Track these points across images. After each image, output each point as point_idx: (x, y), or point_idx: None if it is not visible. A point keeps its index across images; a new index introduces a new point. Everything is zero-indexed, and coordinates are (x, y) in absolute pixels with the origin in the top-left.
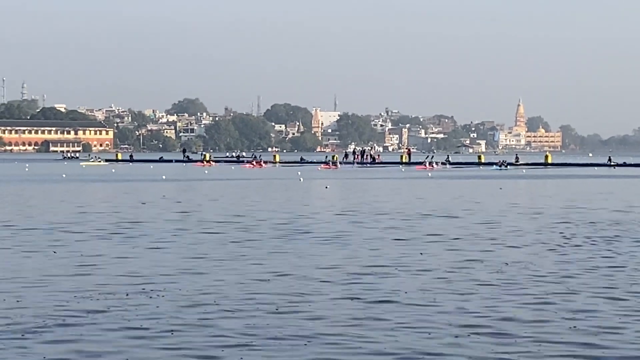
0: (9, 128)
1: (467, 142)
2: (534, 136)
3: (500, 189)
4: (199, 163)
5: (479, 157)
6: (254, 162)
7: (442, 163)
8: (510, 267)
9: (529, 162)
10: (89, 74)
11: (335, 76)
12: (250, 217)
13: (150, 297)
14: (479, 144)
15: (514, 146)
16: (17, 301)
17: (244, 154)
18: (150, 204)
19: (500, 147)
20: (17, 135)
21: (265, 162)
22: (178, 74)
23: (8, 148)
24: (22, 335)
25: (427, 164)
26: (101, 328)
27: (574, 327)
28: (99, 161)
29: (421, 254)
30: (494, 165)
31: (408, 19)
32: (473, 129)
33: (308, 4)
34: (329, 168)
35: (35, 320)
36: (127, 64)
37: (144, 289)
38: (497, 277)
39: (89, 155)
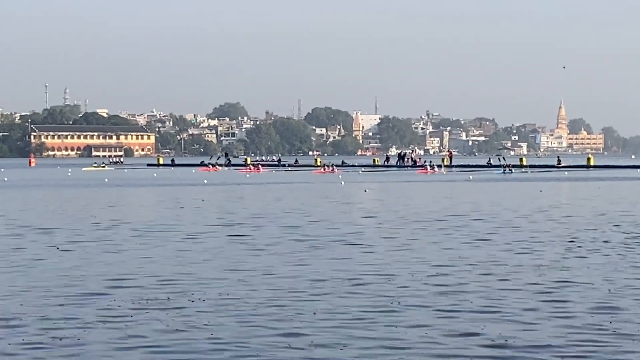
0: (51, 133)
1: (509, 144)
2: (576, 138)
3: (541, 191)
4: (203, 168)
5: (521, 160)
6: (251, 167)
7: (438, 166)
8: None
9: (571, 164)
10: (131, 78)
11: (376, 79)
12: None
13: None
14: (521, 147)
15: (555, 148)
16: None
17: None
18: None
19: (541, 150)
20: (59, 141)
21: (264, 166)
22: (219, 78)
23: (51, 153)
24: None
25: (429, 167)
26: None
27: None
28: (103, 166)
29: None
30: (500, 169)
31: (448, 22)
32: (514, 131)
33: (349, 9)
34: (324, 172)
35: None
36: (169, 68)
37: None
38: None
39: (103, 159)
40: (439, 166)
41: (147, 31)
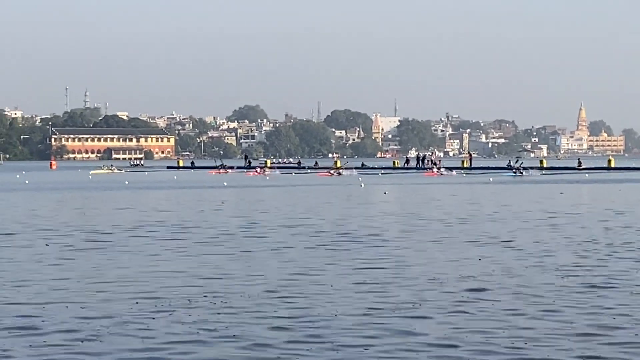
0: (72, 136)
1: (529, 146)
2: (596, 140)
3: (561, 193)
4: (212, 170)
5: (541, 162)
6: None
7: (449, 168)
8: None
9: (592, 166)
10: (151, 81)
11: (395, 82)
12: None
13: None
14: (541, 149)
15: (575, 150)
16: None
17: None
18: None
19: (562, 152)
20: (80, 143)
21: (282, 168)
22: (238, 81)
23: (72, 156)
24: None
25: (436, 170)
26: None
27: None
28: (112, 169)
29: None
30: (510, 171)
31: (467, 23)
32: (534, 133)
33: (369, 11)
34: (329, 175)
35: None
36: (188, 71)
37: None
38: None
39: (108, 164)
40: (450, 169)
41: (167, 34)
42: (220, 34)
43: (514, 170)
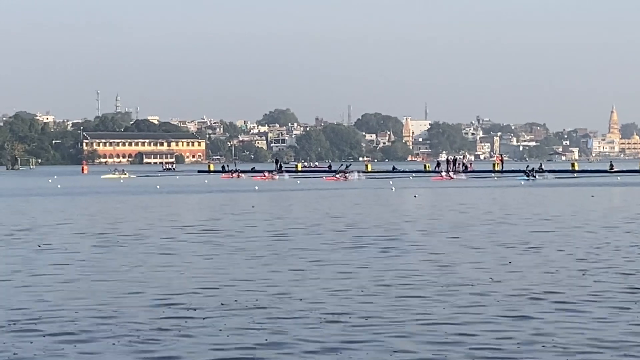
0: (103, 140)
1: (560, 149)
2: (628, 143)
3: (592, 196)
4: (225, 175)
5: (572, 165)
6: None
7: (458, 172)
8: None
9: (624, 169)
10: (181, 86)
11: (426, 85)
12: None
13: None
14: (572, 152)
15: (607, 153)
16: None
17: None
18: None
19: (593, 155)
20: (111, 148)
21: (311, 172)
22: (269, 85)
23: (103, 160)
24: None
25: (444, 174)
26: None
27: None
28: (124, 173)
29: None
30: (522, 175)
31: (498, 27)
32: (566, 136)
33: (398, 14)
34: (337, 180)
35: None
36: (219, 75)
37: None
38: None
39: (113, 168)
40: (463, 171)
41: (197, 38)
42: (251, 37)
43: (527, 174)
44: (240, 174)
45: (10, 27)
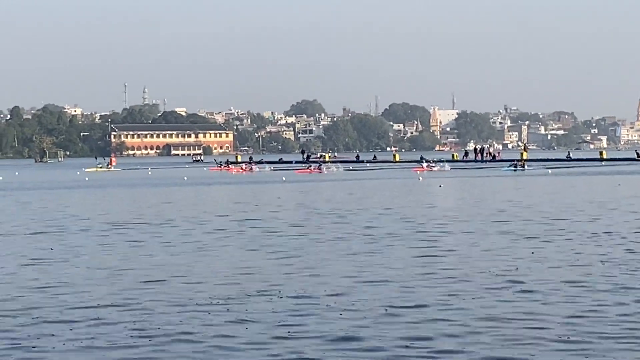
0: (131, 132)
1: (588, 138)
2: None
3: (619, 185)
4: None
5: (601, 154)
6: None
7: (434, 161)
8: None
9: None
10: (209, 77)
11: (453, 74)
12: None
13: None
14: (600, 140)
15: (636, 141)
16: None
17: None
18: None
19: (622, 143)
20: (139, 140)
21: (341, 162)
22: (296, 76)
23: (131, 152)
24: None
25: (425, 165)
26: None
27: None
28: (108, 167)
29: None
30: (509, 165)
31: (525, 15)
32: (594, 124)
33: (425, 5)
34: (310, 172)
35: None
36: (246, 66)
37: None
38: None
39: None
40: (491, 160)
41: (224, 30)
42: (278, 29)
43: (515, 164)
44: (230, 167)
45: (39, 22)
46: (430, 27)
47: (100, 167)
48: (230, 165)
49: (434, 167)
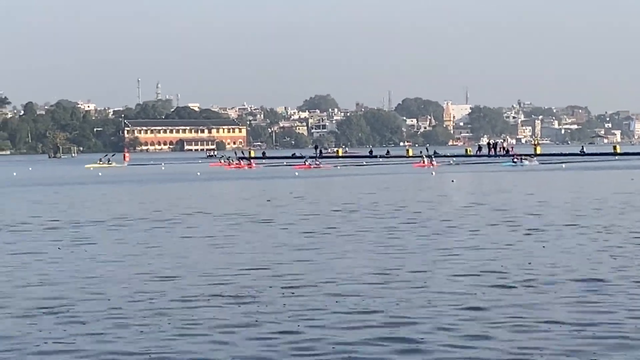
0: (144, 128)
1: (602, 132)
2: None
3: (632, 179)
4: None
5: (614, 148)
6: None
7: (429, 156)
8: None
9: None
10: (222, 73)
11: (466, 69)
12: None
13: None
14: (614, 134)
15: None
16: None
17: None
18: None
19: (636, 137)
20: (152, 135)
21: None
22: (309, 71)
23: (144, 148)
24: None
25: (427, 161)
26: None
27: None
28: (109, 163)
29: None
30: (510, 161)
31: (537, 9)
32: (608, 119)
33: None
34: (309, 168)
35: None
36: (259, 62)
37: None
38: None
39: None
40: (504, 154)
41: (237, 25)
42: (291, 24)
43: (514, 159)
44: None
45: (52, 18)
46: (443, 22)
47: (102, 163)
48: (229, 161)
49: (434, 162)
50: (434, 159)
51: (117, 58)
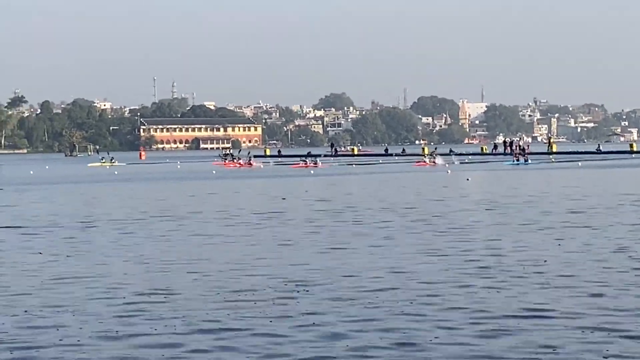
0: (160, 126)
1: (619, 130)
2: None
3: None
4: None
5: (631, 146)
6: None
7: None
8: None
9: None
10: (237, 71)
11: (482, 67)
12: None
13: None
14: (631, 132)
15: None
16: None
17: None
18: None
19: None
20: (168, 134)
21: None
22: (324, 69)
23: (160, 146)
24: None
25: (428, 160)
26: None
27: None
28: (112, 162)
29: None
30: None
31: (554, 7)
32: (624, 117)
33: None
34: (306, 166)
35: None
36: (274, 60)
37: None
38: None
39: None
40: (520, 153)
41: (252, 23)
42: (307, 22)
43: (516, 157)
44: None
45: (68, 17)
46: (459, 20)
47: (104, 162)
48: (232, 159)
49: (436, 161)
50: (436, 157)
51: (133, 57)
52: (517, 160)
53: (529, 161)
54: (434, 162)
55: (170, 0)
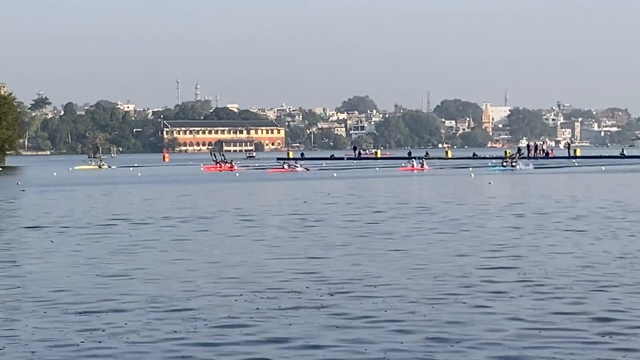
0: (183, 129)
1: None
2: None
3: None
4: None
5: None
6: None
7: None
8: None
9: None
10: (260, 73)
11: (506, 71)
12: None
13: None
14: None
15: None
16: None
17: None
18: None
19: None
20: (191, 136)
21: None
22: (348, 72)
23: (183, 148)
24: None
25: (414, 164)
26: None
27: None
28: (102, 164)
29: None
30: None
31: (579, 12)
32: None
33: (477, 2)
34: (285, 171)
35: None
36: (298, 63)
37: None
38: None
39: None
40: (543, 157)
41: (275, 27)
42: (329, 25)
43: (504, 163)
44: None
45: (91, 18)
46: (482, 24)
47: (92, 165)
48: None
49: (424, 166)
50: (425, 162)
51: (157, 59)
52: (506, 165)
53: (517, 167)
54: (421, 167)
55: (194, 2)
